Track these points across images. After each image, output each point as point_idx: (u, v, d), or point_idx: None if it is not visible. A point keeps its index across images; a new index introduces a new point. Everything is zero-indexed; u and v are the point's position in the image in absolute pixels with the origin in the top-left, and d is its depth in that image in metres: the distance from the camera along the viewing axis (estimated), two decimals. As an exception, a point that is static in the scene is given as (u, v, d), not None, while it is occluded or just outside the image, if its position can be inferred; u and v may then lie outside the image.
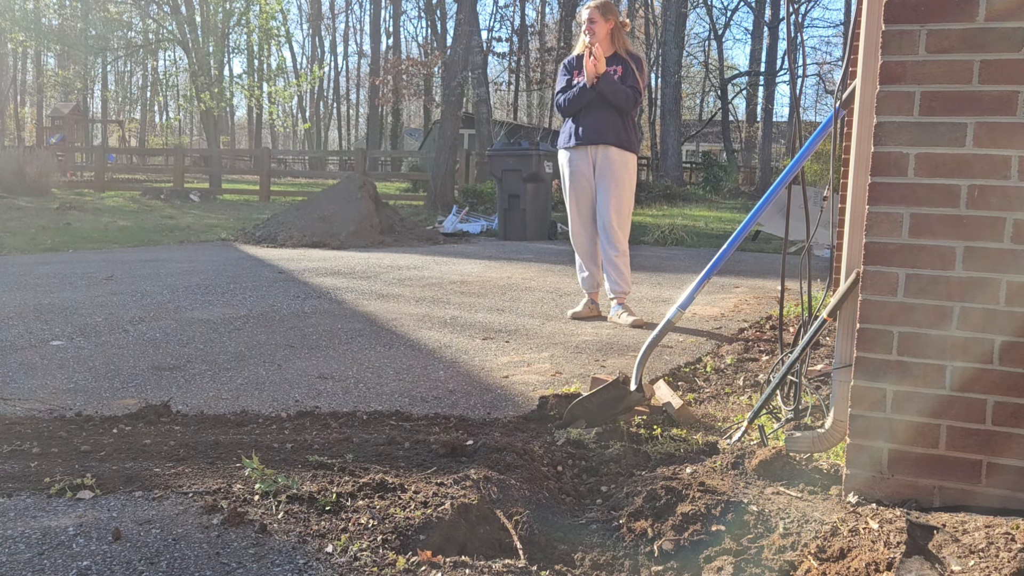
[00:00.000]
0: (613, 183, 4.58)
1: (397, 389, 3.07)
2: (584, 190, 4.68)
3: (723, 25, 39.86)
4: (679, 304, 2.82)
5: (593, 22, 4.56)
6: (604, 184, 4.60)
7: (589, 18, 4.58)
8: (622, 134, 4.59)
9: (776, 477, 2.02)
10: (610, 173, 4.59)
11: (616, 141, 4.58)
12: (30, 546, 1.58)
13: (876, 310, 1.86)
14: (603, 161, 4.60)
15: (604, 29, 4.57)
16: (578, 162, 4.66)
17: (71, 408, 2.70)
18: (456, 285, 5.96)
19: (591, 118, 4.60)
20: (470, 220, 12.12)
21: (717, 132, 39.61)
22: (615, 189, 4.58)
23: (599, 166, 4.62)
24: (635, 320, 4.48)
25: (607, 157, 4.59)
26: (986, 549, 1.52)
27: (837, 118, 2.34)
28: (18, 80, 45.59)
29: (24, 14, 24.24)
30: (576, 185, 4.69)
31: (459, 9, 16.28)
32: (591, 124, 4.61)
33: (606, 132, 4.58)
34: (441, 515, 1.75)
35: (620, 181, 4.59)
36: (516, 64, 35.52)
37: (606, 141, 4.58)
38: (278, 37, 27.30)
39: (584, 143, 4.62)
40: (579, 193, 4.70)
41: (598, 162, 4.62)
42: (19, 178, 14.61)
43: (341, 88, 50.72)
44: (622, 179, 4.60)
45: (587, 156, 4.64)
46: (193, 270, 6.42)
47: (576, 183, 4.69)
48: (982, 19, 1.74)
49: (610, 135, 4.58)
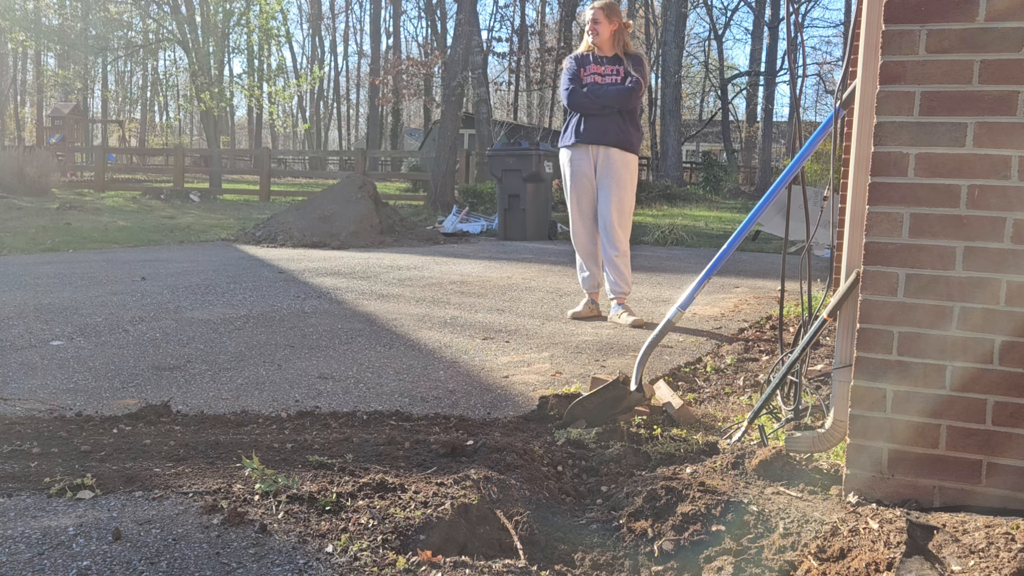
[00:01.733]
0: (615, 183, 4.57)
1: (397, 389, 3.07)
2: (585, 189, 4.68)
3: (723, 25, 39.89)
4: (679, 304, 2.82)
5: (597, 23, 4.56)
6: (606, 184, 4.60)
7: (593, 19, 4.58)
8: (624, 135, 4.59)
9: (776, 477, 2.02)
10: (612, 173, 4.58)
11: (617, 142, 4.57)
12: (30, 546, 1.58)
13: (876, 310, 1.86)
14: (604, 161, 4.60)
15: (608, 30, 4.57)
16: (579, 161, 4.65)
17: (71, 408, 2.70)
18: (456, 285, 5.96)
19: (594, 117, 4.60)
20: (470, 220, 12.12)
21: (717, 132, 39.61)
22: (616, 189, 4.58)
23: (600, 166, 4.61)
24: (635, 320, 4.48)
25: (608, 157, 4.59)
26: (986, 549, 1.52)
27: (837, 118, 2.34)
28: (18, 80, 45.60)
29: (24, 14, 24.25)
30: (577, 184, 4.69)
31: (459, 9, 16.28)
32: (594, 123, 4.60)
33: (608, 132, 4.57)
34: (441, 515, 1.75)
35: (622, 181, 4.59)
36: (516, 64, 35.52)
37: (607, 142, 4.57)
38: (278, 37, 27.31)
39: (585, 142, 4.61)
40: (580, 192, 4.69)
41: (599, 162, 4.61)
42: (19, 178, 14.61)
43: (341, 88, 50.73)
44: (624, 179, 4.59)
45: (588, 155, 4.63)
46: (193, 270, 6.42)
47: (577, 182, 4.68)
48: (982, 19, 1.74)
49: (612, 136, 4.57)
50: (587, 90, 4.58)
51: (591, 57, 4.66)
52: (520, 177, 10.32)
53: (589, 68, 4.63)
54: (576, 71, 4.66)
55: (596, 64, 4.63)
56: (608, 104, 4.53)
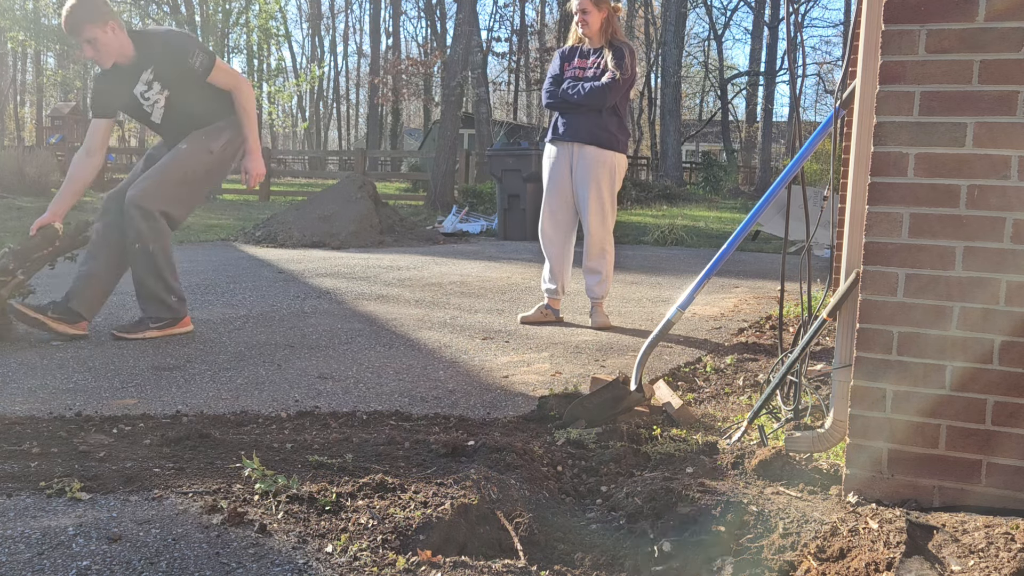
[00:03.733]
0: (592, 184, 4.35)
1: (397, 389, 3.07)
2: (559, 188, 4.45)
3: (723, 25, 39.90)
4: (679, 304, 2.82)
5: (586, 13, 4.34)
6: (583, 186, 4.38)
7: (581, 8, 4.36)
8: (599, 131, 4.34)
9: (776, 477, 2.02)
10: (587, 173, 4.35)
11: (592, 139, 4.33)
12: (30, 546, 1.58)
13: (876, 310, 1.86)
14: (579, 161, 4.38)
15: (597, 20, 4.36)
16: (556, 159, 4.45)
17: (71, 408, 2.70)
18: (456, 285, 5.96)
19: (571, 113, 4.40)
20: (470, 220, 12.12)
21: (717, 132, 39.61)
22: (595, 191, 4.35)
23: (576, 165, 4.39)
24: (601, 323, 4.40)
25: (583, 156, 4.36)
26: (986, 549, 1.52)
27: (837, 118, 2.34)
28: (18, 80, 45.57)
29: (24, 14, 24.26)
30: (551, 182, 4.47)
31: (459, 9, 16.28)
32: (569, 119, 4.39)
33: (580, 129, 4.35)
34: (441, 515, 1.75)
35: (599, 181, 4.35)
36: (516, 64, 35.55)
37: (580, 139, 4.35)
38: (277, 37, 27.33)
39: (563, 139, 4.42)
40: (553, 191, 4.46)
41: (575, 160, 4.39)
42: (19, 178, 14.59)
43: (341, 88, 50.73)
44: (601, 179, 4.36)
45: (565, 154, 4.42)
46: (193, 270, 6.41)
47: (551, 180, 4.47)
48: (982, 19, 1.74)
49: (584, 132, 4.34)
50: (564, 87, 4.38)
51: (579, 50, 4.47)
52: (520, 177, 10.32)
53: (573, 63, 4.44)
54: (559, 67, 4.49)
55: (581, 58, 4.44)
56: (581, 103, 4.32)
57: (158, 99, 3.82)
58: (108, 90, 3.84)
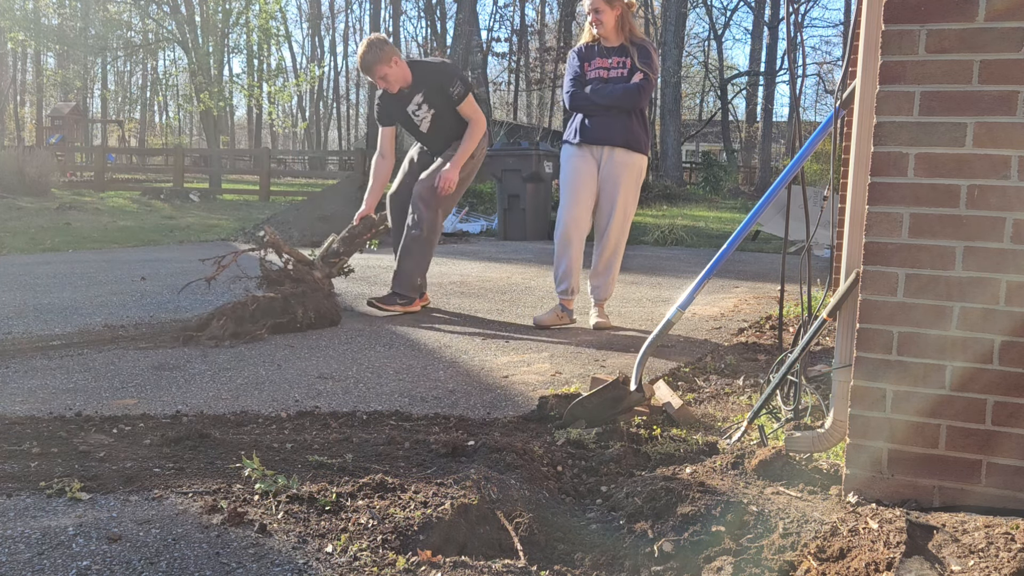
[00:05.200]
0: (621, 189, 4.30)
1: (397, 389, 3.07)
2: (585, 185, 4.34)
3: (723, 25, 39.86)
4: (679, 304, 2.82)
5: (599, 12, 4.23)
6: (609, 190, 4.32)
7: (594, 8, 4.25)
8: (630, 134, 4.27)
9: (776, 477, 2.02)
10: (616, 177, 4.30)
11: (624, 142, 4.27)
12: (30, 546, 1.58)
13: (876, 310, 1.86)
14: (608, 163, 4.30)
15: (611, 18, 4.25)
16: (581, 161, 4.35)
17: (71, 408, 2.70)
18: (456, 285, 5.96)
19: (599, 115, 4.30)
20: (470, 220, 12.12)
21: (717, 132, 39.60)
22: (622, 197, 4.31)
23: (604, 169, 4.32)
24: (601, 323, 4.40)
25: (612, 160, 4.29)
26: (986, 549, 1.52)
27: (837, 118, 2.34)
28: (18, 80, 45.56)
29: (24, 14, 24.27)
30: (577, 180, 4.36)
31: (459, 9, 16.29)
32: (599, 122, 4.28)
33: (613, 132, 4.26)
34: (441, 515, 1.75)
35: (627, 186, 4.32)
36: (516, 64, 35.55)
37: (613, 143, 4.27)
38: (277, 37, 27.33)
39: (590, 142, 4.33)
40: (579, 188, 4.36)
41: (603, 163, 4.32)
42: (19, 178, 14.59)
43: (341, 88, 50.71)
44: (628, 184, 4.32)
45: (591, 156, 4.35)
46: (193, 270, 6.41)
47: (578, 178, 4.36)
48: (982, 19, 1.74)
49: (617, 136, 4.26)
50: (591, 89, 4.29)
51: (596, 49, 4.35)
52: (520, 177, 10.32)
53: (594, 63, 4.33)
54: (579, 68, 4.38)
55: (601, 57, 4.32)
56: (613, 105, 4.25)
57: (426, 116, 4.76)
58: (389, 106, 4.82)
